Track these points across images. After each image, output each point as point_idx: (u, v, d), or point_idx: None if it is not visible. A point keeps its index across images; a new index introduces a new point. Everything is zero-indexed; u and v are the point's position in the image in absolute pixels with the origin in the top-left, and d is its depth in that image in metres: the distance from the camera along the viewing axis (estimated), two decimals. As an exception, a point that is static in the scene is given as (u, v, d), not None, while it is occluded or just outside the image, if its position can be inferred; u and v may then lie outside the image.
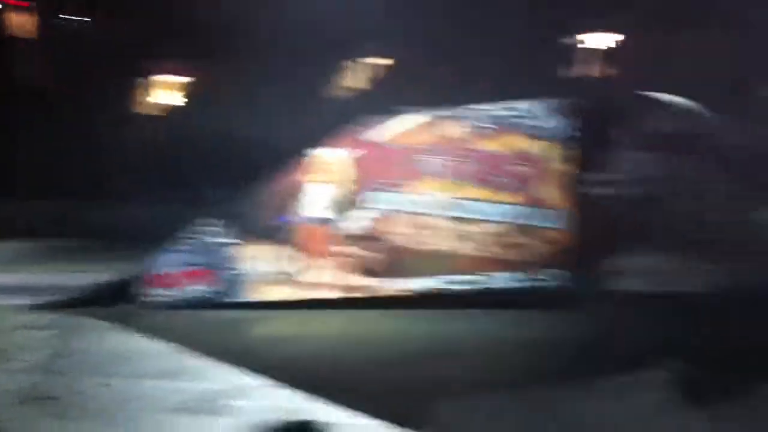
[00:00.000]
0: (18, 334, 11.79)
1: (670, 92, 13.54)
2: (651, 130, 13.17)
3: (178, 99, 30.07)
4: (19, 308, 13.33)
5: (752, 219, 11.60)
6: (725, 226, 11.47)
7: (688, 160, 12.13)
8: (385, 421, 7.49)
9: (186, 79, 29.46)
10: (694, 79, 15.51)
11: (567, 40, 23.65)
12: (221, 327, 11.67)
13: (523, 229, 11.91)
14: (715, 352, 8.66)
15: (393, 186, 12.47)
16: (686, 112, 13.41)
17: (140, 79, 30.92)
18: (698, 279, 9.89)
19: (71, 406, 8.39)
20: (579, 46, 23.76)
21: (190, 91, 28.32)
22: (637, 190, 12.43)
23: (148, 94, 31.51)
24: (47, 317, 12.71)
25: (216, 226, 12.87)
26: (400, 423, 7.43)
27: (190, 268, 12.86)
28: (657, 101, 13.59)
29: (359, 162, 12.61)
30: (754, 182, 9.99)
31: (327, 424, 7.36)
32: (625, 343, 9.26)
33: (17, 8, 31.95)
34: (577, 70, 23.40)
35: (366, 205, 12.53)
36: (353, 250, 12.48)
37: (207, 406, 8.33)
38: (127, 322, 11.98)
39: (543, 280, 11.78)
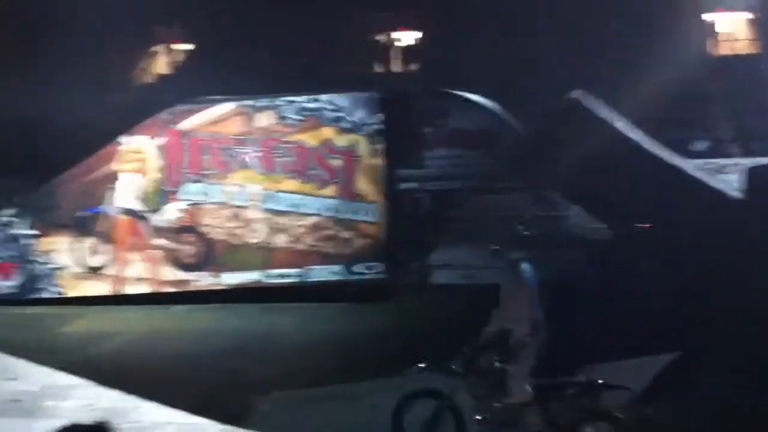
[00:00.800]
0: None
1: (473, 90, 14.41)
2: (455, 126, 13.96)
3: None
4: None
5: (553, 214, 12.59)
6: (528, 220, 12.37)
7: (490, 156, 12.99)
8: (193, 416, 7.53)
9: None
10: (494, 78, 16.44)
11: (375, 35, 24.23)
12: (28, 324, 11.11)
13: (337, 222, 12.17)
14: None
15: (203, 177, 12.33)
16: (486, 109, 14.36)
17: None
18: (505, 270, 10.52)
19: None
20: (387, 41, 24.41)
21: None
22: (443, 184, 13.18)
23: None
24: None
25: (16, 216, 12.17)
26: (210, 418, 7.48)
27: (-11, 261, 12.12)
28: (460, 98, 14.41)
29: (168, 151, 12.35)
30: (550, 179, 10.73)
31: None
32: (433, 334, 9.57)
33: None
34: (384, 66, 24.06)
35: (176, 197, 12.33)
36: (164, 242, 12.25)
37: (20, 407, 7.99)
38: None
39: (358, 272, 12.06)
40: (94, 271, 12.25)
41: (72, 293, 12.14)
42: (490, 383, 5.95)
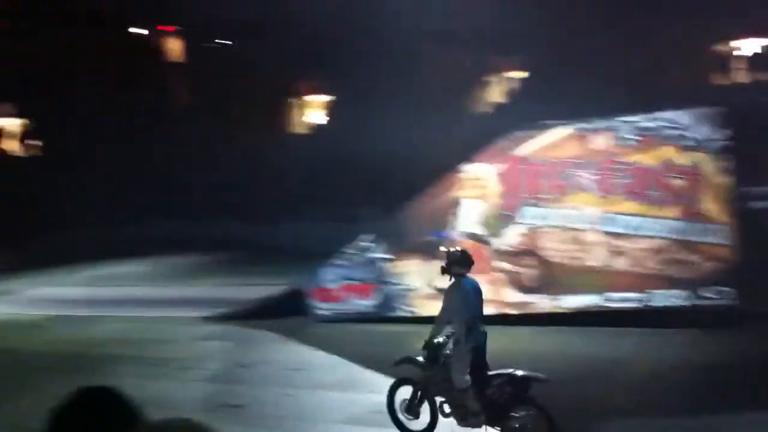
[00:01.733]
0: (196, 345, 12.73)
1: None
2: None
3: (327, 118, 31.14)
4: (194, 320, 14.40)
5: None
6: None
7: None
8: None
9: (334, 98, 30.47)
10: None
11: (718, 47, 22.96)
12: (385, 340, 12.08)
13: (682, 244, 11.68)
14: None
15: (542, 200, 12.56)
16: None
17: (288, 99, 32.25)
18: None
19: (255, 415, 8.97)
20: (732, 52, 23.03)
21: (338, 109, 29.25)
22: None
23: (297, 114, 32.82)
24: (221, 329, 13.71)
25: (374, 242, 13.38)
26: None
27: (351, 283, 13.45)
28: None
29: (507, 176, 12.76)
30: None
31: None
32: None
33: (166, 34, 34.03)
34: (729, 78, 22.69)
35: (516, 220, 12.69)
36: (506, 265, 12.68)
37: (379, 419, 8.70)
38: (297, 334, 12.71)
39: (706, 297, 11.51)
40: (442, 292, 12.98)
41: (424, 312, 12.99)
42: (445, 374, 7.75)
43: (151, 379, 10.67)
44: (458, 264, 8.10)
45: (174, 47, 34.32)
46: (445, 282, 12.73)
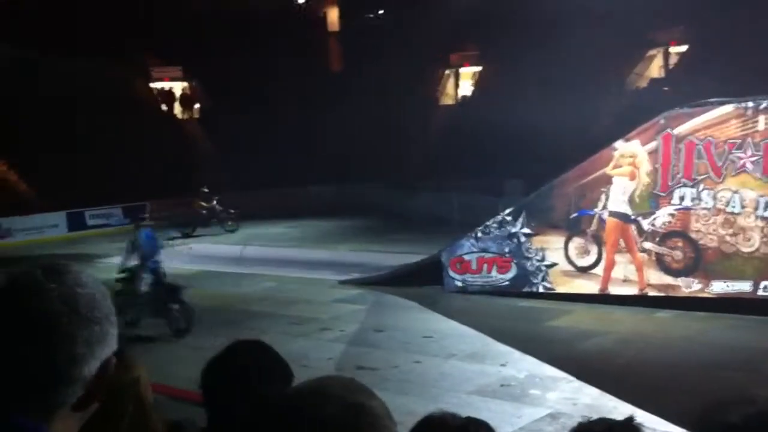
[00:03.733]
0: (335, 307, 13.12)
1: None
2: None
3: (479, 89, 30.95)
4: (335, 283, 14.83)
5: None
6: None
7: None
8: (673, 426, 7.21)
9: (488, 70, 30.22)
10: None
11: None
12: (519, 315, 12.03)
13: None
14: None
15: (697, 182, 12.01)
16: None
17: (440, 70, 32.29)
18: None
19: (388, 378, 9.16)
20: None
21: (491, 81, 29.00)
22: None
23: (447, 85, 32.82)
24: (359, 292, 14.04)
25: (514, 216, 13.26)
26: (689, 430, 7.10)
27: (489, 256, 13.39)
28: None
29: (661, 156, 12.29)
30: None
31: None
32: None
33: (326, 3, 34.78)
34: None
35: (668, 201, 12.22)
36: (653, 246, 12.24)
37: (508, 391, 8.68)
38: (433, 302, 12.83)
39: None
40: (583, 270, 12.77)
41: (561, 289, 12.82)
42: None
43: (292, 336, 11.10)
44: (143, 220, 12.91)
45: (333, 17, 35.07)
46: (586, 260, 12.72)
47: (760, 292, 11.38)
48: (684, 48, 26.03)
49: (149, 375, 2.28)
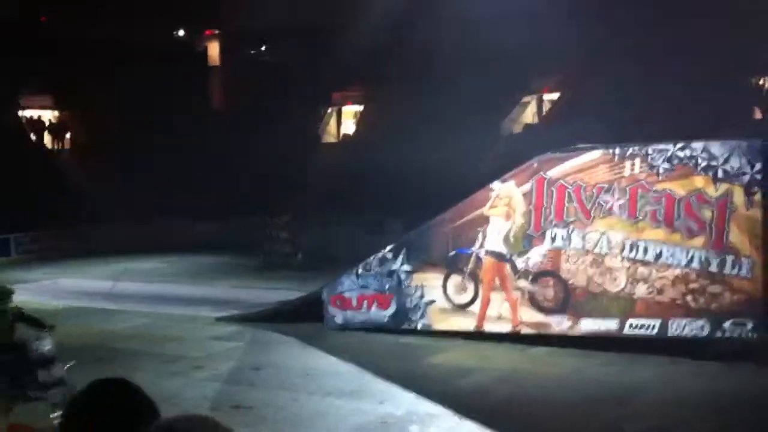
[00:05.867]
0: (211, 345, 12.76)
1: None
2: None
3: (360, 128, 31.26)
4: (211, 320, 14.46)
5: None
6: None
7: None
8: None
9: (366, 110, 30.59)
10: None
11: (753, 81, 22.75)
12: (399, 352, 12.06)
13: (707, 276, 11.51)
14: None
15: (568, 223, 12.46)
16: None
17: (320, 108, 32.45)
18: None
19: (264, 417, 8.97)
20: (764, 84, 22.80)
21: (370, 121, 29.36)
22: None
23: (328, 123, 32.98)
24: (236, 329, 13.73)
25: (395, 253, 13.35)
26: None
27: (369, 293, 13.41)
28: None
29: (534, 198, 12.69)
30: None
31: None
32: None
33: (209, 38, 34.46)
34: (764, 110, 22.42)
35: (540, 241, 12.61)
36: (527, 285, 12.59)
37: (387, 429, 8.65)
38: (312, 339, 12.68)
39: (727, 329, 11.29)
40: (461, 308, 12.97)
41: (439, 326, 12.95)
42: None
43: (165, 375, 10.73)
44: None
45: (214, 52, 34.72)
46: (464, 298, 12.93)
47: (626, 331, 11.86)
48: (556, 95, 27.22)
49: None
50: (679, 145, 12.05)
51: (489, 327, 12.68)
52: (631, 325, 11.86)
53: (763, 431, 8.26)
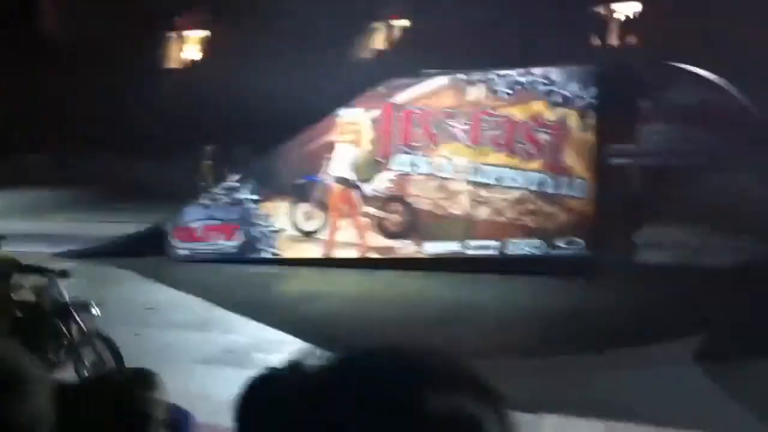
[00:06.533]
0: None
1: (696, 63, 13.47)
2: (677, 102, 13.16)
3: (203, 54, 30.12)
4: (47, 256, 13.73)
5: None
6: (749, 200, 11.52)
7: (713, 133, 12.14)
8: None
9: (211, 35, 29.47)
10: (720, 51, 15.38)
11: (592, 7, 23.48)
12: (246, 281, 11.95)
13: (543, 197, 12.03)
14: (737, 325, 8.79)
15: (414, 149, 12.61)
16: (712, 85, 13.39)
17: (163, 33, 31.00)
18: (722, 252, 9.86)
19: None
20: (604, 12, 23.60)
21: (215, 46, 28.36)
22: (662, 161, 12.49)
23: (171, 49, 31.58)
24: (73, 265, 13.11)
25: (241, 182, 13.11)
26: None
27: (214, 223, 13.15)
28: (684, 72, 13.53)
29: (382, 124, 12.75)
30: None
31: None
32: (643, 314, 9.39)
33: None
34: (601, 38, 23.25)
35: (387, 167, 12.71)
36: (373, 210, 12.71)
37: (232, 358, 8.62)
38: (155, 273, 12.32)
39: (562, 248, 11.89)
40: (309, 235, 12.96)
41: (288, 254, 12.92)
42: None
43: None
44: None
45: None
46: (312, 225, 12.92)
47: (469, 252, 12.25)
48: (407, 22, 27.18)
49: None
50: (520, 71, 12.38)
51: (337, 253, 12.76)
52: (473, 247, 12.27)
53: (588, 341, 8.77)
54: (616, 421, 6.59)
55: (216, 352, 8.80)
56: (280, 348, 8.86)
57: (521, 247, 12.06)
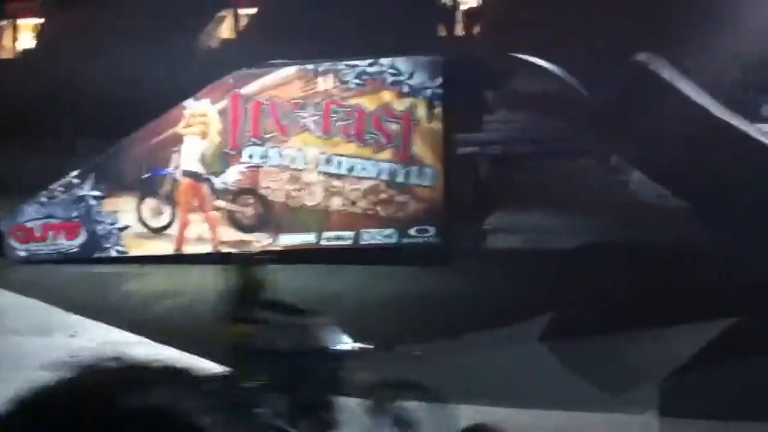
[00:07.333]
0: None
1: (537, 54, 14.03)
2: (518, 90, 13.67)
3: (38, 43, 28.47)
4: None
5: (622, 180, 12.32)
6: (594, 185, 12.15)
7: (555, 120, 12.70)
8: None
9: (47, 22, 27.91)
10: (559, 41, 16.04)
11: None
12: (90, 282, 11.43)
13: (392, 186, 12.17)
14: (585, 304, 9.23)
15: (265, 140, 12.44)
16: (553, 75, 13.99)
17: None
18: (567, 234, 10.30)
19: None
20: (450, 3, 24.11)
21: (52, 35, 26.88)
22: (508, 149, 12.95)
23: (2, 38, 29.69)
24: None
25: (82, 178, 12.48)
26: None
27: (55, 222, 12.46)
28: (526, 63, 14.06)
29: (230, 115, 12.49)
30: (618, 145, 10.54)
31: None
32: (493, 297, 9.70)
33: None
34: (448, 28, 23.74)
35: (238, 160, 12.48)
36: (225, 204, 12.45)
37: (78, 363, 8.21)
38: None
39: (414, 236, 12.07)
40: (157, 232, 12.53)
41: (135, 252, 12.43)
42: None
43: None
44: None
45: None
46: (160, 221, 12.48)
47: (323, 242, 12.23)
48: (254, 10, 26.77)
49: None
50: (368, 61, 12.47)
51: (188, 249, 12.41)
52: (327, 238, 12.26)
53: (442, 326, 8.97)
54: (473, 405, 6.73)
55: (61, 357, 8.34)
56: (131, 350, 8.48)
57: (374, 236, 12.16)
